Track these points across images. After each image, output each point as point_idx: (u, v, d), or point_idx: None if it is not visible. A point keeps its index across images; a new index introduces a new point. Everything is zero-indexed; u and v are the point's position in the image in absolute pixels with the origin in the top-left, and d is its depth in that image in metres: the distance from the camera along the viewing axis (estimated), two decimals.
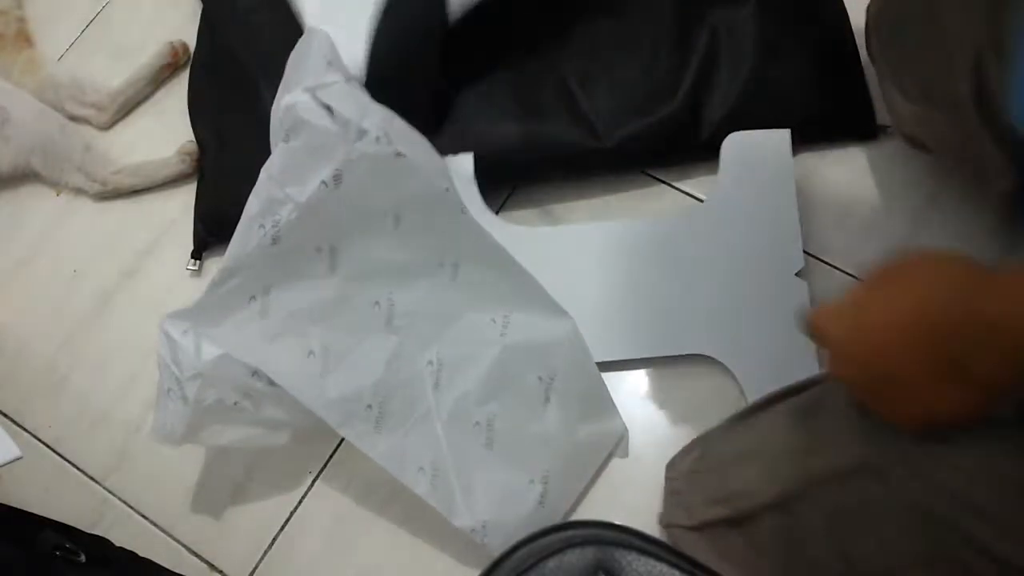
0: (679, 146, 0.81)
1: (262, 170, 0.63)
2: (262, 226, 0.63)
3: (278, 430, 0.71)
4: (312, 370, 0.67)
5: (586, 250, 0.79)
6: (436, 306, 0.70)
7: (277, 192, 0.62)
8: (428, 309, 0.70)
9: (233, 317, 0.66)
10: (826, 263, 0.77)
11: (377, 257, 0.68)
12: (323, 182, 0.61)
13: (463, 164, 0.80)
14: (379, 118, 0.62)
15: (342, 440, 0.75)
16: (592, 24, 0.84)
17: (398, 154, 0.62)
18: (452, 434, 0.69)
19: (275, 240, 0.63)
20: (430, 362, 0.70)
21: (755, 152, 0.78)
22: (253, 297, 0.66)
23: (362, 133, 0.60)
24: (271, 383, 0.65)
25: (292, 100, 0.61)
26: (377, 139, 0.61)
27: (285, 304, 0.67)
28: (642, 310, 0.76)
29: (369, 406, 0.67)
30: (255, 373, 0.65)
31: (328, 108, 0.60)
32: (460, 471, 0.68)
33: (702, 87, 0.80)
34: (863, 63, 0.81)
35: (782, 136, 0.77)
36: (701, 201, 0.82)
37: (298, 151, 0.62)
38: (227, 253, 0.65)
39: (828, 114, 0.81)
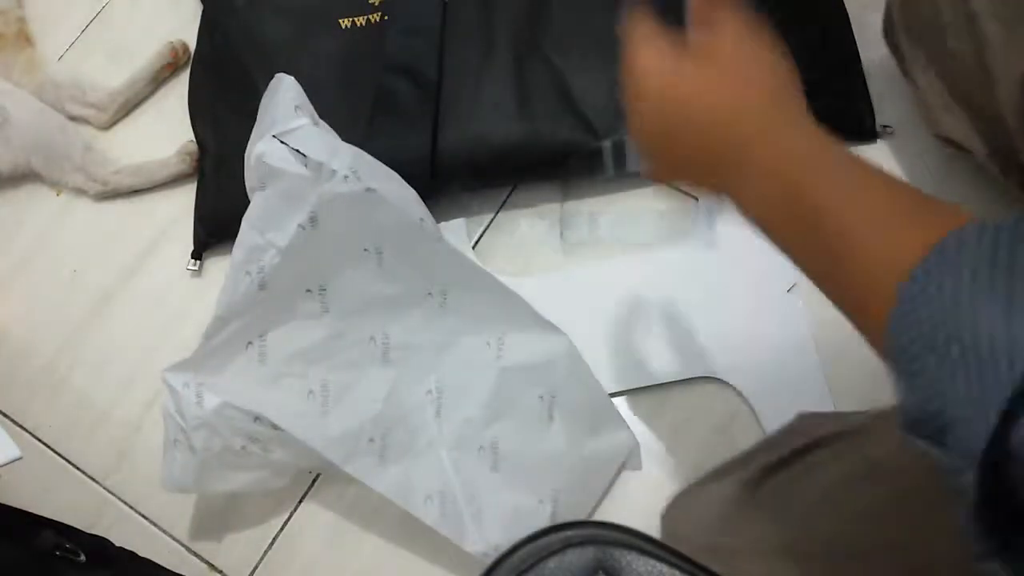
0: None
1: (243, 219, 0.65)
2: (248, 273, 0.64)
3: (285, 472, 0.72)
4: (313, 410, 0.68)
5: (590, 289, 0.80)
6: (430, 335, 0.71)
7: (258, 239, 0.64)
8: (422, 339, 0.71)
9: (232, 365, 0.68)
10: None
11: (367, 293, 0.68)
12: (300, 226, 0.62)
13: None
14: (347, 157, 0.63)
15: None
16: (592, 24, 0.84)
17: (368, 189, 0.62)
18: (458, 460, 0.69)
19: (262, 286, 0.64)
20: (429, 391, 0.71)
21: None
22: (250, 343, 0.67)
23: (331, 174, 0.61)
24: (274, 427, 0.66)
25: (262, 148, 0.62)
26: (345, 178, 0.61)
27: (282, 347, 0.68)
28: (648, 340, 0.77)
29: (371, 439, 0.68)
30: (257, 419, 0.66)
31: (298, 152, 0.61)
32: (468, 496, 0.68)
33: None
34: (863, 63, 0.81)
35: None
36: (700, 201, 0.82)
37: (273, 198, 0.63)
38: (218, 302, 0.66)
39: (828, 114, 0.81)
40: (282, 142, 0.61)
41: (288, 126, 0.62)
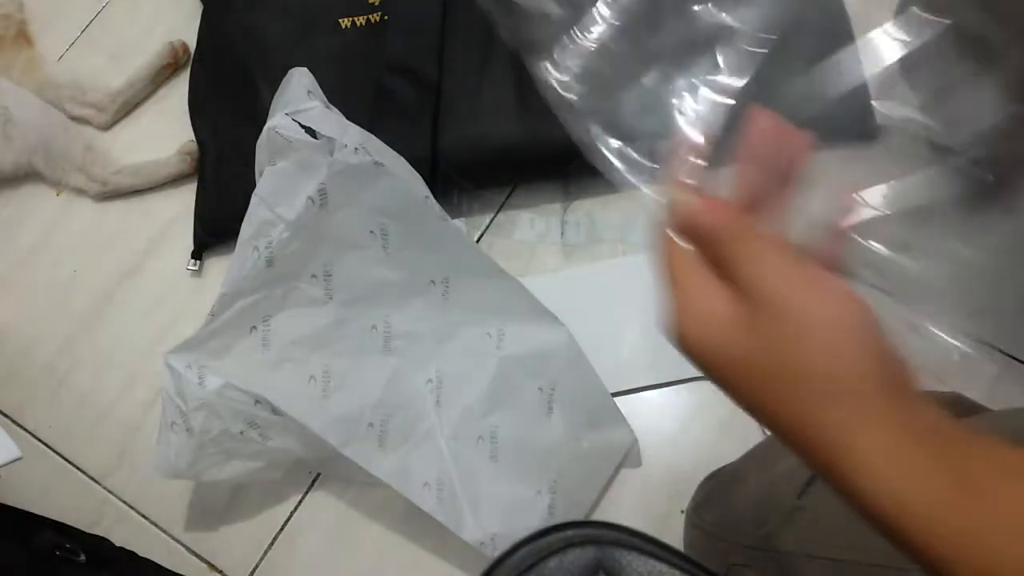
0: None
1: (253, 195, 0.65)
2: (256, 248, 0.65)
3: (281, 463, 0.72)
4: (313, 394, 0.68)
5: (595, 289, 0.80)
6: (431, 325, 0.71)
7: (267, 214, 0.64)
8: (424, 328, 0.71)
9: (235, 349, 0.68)
10: None
11: (370, 279, 0.69)
12: (309, 198, 0.63)
13: None
14: (357, 134, 0.64)
15: None
16: None
17: (377, 163, 0.63)
18: (456, 449, 0.69)
19: (270, 262, 0.65)
20: (429, 380, 0.71)
21: None
22: (254, 327, 0.68)
23: (341, 147, 0.63)
24: (274, 411, 0.66)
25: (274, 123, 0.63)
26: (356, 150, 0.63)
27: (285, 333, 0.68)
28: (648, 340, 0.77)
29: (371, 424, 0.68)
30: (258, 401, 0.66)
31: (308, 130, 0.63)
32: (466, 485, 0.68)
33: None
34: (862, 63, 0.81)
35: None
36: None
37: (283, 171, 0.64)
38: (224, 279, 0.67)
39: (828, 114, 0.81)
40: (294, 120, 0.63)
41: (300, 107, 0.64)
